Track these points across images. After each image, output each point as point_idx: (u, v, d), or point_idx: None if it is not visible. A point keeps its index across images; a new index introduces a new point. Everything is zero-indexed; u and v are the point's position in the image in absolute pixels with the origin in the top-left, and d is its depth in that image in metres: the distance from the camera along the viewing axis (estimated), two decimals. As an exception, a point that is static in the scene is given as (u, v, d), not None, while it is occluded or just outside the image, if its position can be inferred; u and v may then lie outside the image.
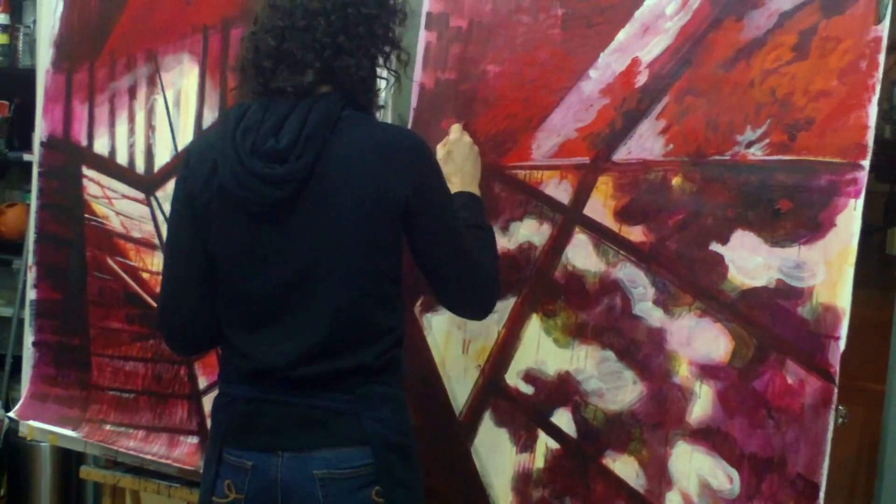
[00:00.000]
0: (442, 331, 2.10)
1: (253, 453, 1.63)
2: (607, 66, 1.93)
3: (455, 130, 1.98)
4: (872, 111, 1.68)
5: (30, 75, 2.90)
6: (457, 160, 1.91)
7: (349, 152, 1.57)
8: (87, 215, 2.62)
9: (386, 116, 2.17)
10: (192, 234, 1.67)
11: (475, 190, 1.91)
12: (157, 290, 2.48)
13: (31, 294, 2.74)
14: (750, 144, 1.79)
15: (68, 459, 3.24)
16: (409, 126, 2.15)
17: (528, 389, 2.01)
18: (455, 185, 1.85)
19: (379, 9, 1.63)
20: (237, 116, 1.61)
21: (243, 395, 1.66)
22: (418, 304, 2.13)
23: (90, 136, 2.63)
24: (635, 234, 1.89)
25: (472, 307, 1.78)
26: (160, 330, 1.83)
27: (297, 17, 1.58)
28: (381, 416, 1.62)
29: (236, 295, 1.66)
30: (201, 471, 2.39)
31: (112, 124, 2.59)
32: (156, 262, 2.51)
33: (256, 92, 1.63)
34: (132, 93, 2.56)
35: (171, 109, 2.50)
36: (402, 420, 1.68)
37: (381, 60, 1.67)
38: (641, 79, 1.89)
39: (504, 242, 2.01)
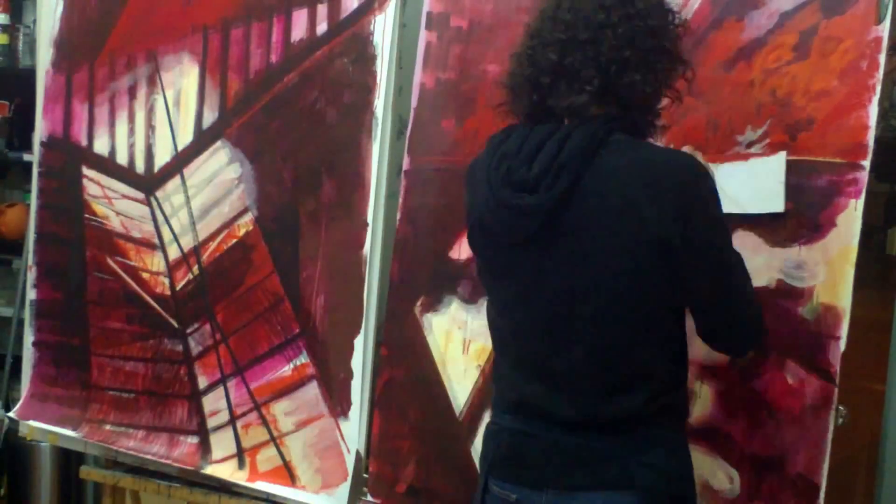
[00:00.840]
0: (442, 331, 2.10)
1: (517, 487, 1.55)
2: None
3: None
4: (873, 111, 1.68)
5: (30, 75, 2.90)
6: None
7: (607, 182, 1.42)
8: (87, 215, 2.62)
9: (386, 116, 2.18)
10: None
11: None
12: (157, 290, 2.50)
13: (31, 294, 2.74)
14: (750, 144, 1.79)
15: (68, 459, 3.23)
16: (409, 126, 2.15)
17: (528, 389, 2.00)
18: None
19: (665, 21, 1.48)
20: (499, 141, 1.51)
21: (510, 426, 1.58)
22: (418, 304, 2.13)
23: (90, 136, 2.63)
24: (636, 234, 1.88)
25: (735, 344, 1.60)
26: None
27: (580, 29, 1.44)
28: (651, 461, 1.48)
29: (502, 325, 1.59)
30: (201, 471, 2.41)
31: (112, 124, 2.59)
32: (156, 261, 2.51)
33: (527, 111, 1.52)
34: (132, 93, 2.56)
35: (170, 109, 2.50)
36: (677, 466, 1.54)
37: (666, 77, 1.51)
38: (642, 79, 1.89)
39: (504, 242, 2.01)
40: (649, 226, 1.41)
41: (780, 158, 1.73)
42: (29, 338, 2.74)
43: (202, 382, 2.45)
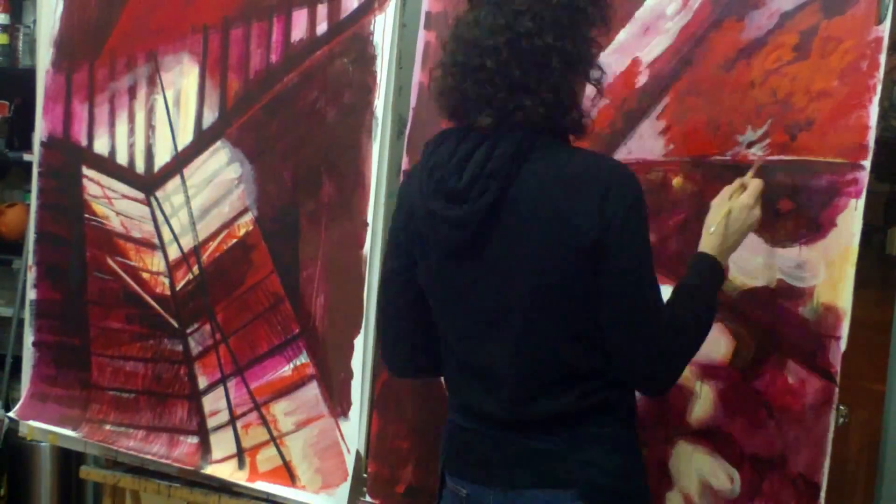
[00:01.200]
0: (442, 331, 2.10)
1: (467, 483, 1.60)
2: (607, 66, 1.92)
3: (750, 193, 1.65)
4: (873, 111, 1.68)
5: (30, 75, 2.89)
6: (731, 223, 1.62)
7: (535, 190, 1.45)
8: (87, 215, 2.62)
9: (386, 116, 2.18)
10: (404, 264, 1.63)
11: (723, 260, 1.63)
12: (157, 289, 2.50)
13: (31, 294, 2.73)
14: (751, 144, 1.79)
15: (68, 459, 3.23)
16: (409, 126, 2.15)
17: (528, 389, 2.00)
18: (707, 245, 1.62)
19: (555, 36, 1.45)
20: (431, 151, 1.53)
21: (460, 423, 1.63)
22: (418, 304, 2.13)
23: (90, 136, 2.63)
24: (636, 234, 1.88)
25: (641, 377, 1.53)
26: (383, 356, 1.81)
27: (471, 55, 1.46)
28: (590, 458, 1.51)
29: (443, 330, 1.62)
30: (201, 471, 2.41)
31: (112, 124, 2.59)
32: (156, 261, 2.51)
33: (453, 121, 1.54)
34: (132, 93, 2.55)
35: (170, 109, 2.49)
36: (619, 463, 1.54)
37: (567, 82, 1.48)
38: (642, 79, 1.89)
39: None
40: (577, 232, 1.43)
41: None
42: (29, 338, 2.73)
43: (202, 382, 2.45)
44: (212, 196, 2.42)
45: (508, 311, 1.50)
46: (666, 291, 1.54)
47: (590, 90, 1.55)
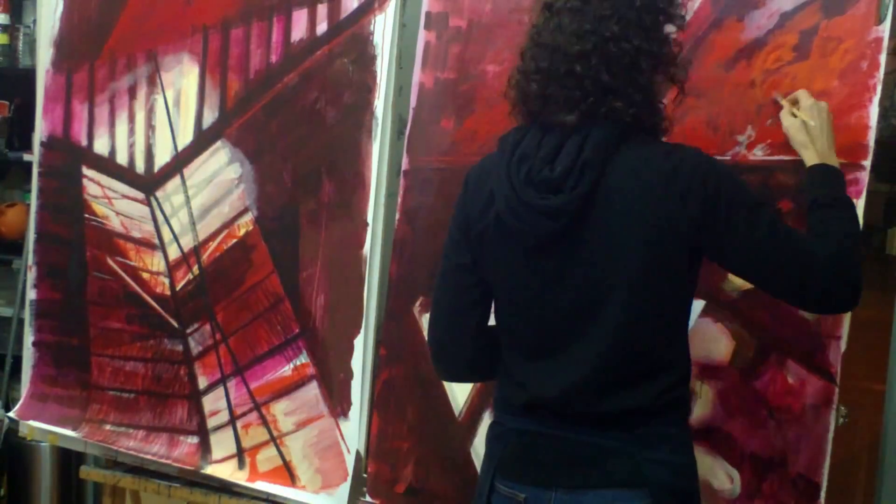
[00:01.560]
0: (442, 331, 2.10)
1: (526, 487, 1.56)
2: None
3: (805, 96, 1.70)
4: (873, 111, 1.68)
5: (30, 75, 2.90)
6: (813, 130, 1.66)
7: (629, 180, 1.46)
8: (87, 215, 2.62)
9: (386, 116, 2.18)
10: (468, 262, 1.61)
11: (832, 160, 1.64)
12: (157, 289, 2.50)
13: (31, 294, 2.74)
14: (751, 144, 1.79)
15: (68, 459, 3.23)
16: (409, 125, 2.15)
17: (528, 389, 2.00)
18: (808, 157, 1.65)
19: (641, 38, 1.47)
20: (514, 142, 1.53)
21: (517, 426, 1.59)
22: (417, 304, 2.13)
23: (90, 136, 2.63)
24: (636, 234, 1.88)
25: (821, 302, 1.50)
26: (431, 353, 1.74)
27: (559, 60, 1.48)
28: (660, 457, 1.50)
29: (514, 325, 1.59)
30: (201, 471, 2.41)
31: (112, 124, 2.59)
32: (156, 261, 2.51)
33: (532, 119, 1.55)
34: (132, 93, 2.55)
35: (170, 109, 2.50)
36: (684, 463, 1.55)
37: (652, 87, 1.51)
38: (642, 79, 1.89)
39: (504, 242, 2.01)
40: (673, 221, 1.44)
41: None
42: (29, 338, 2.74)
43: (202, 382, 2.45)
44: (212, 196, 2.42)
45: (603, 302, 1.48)
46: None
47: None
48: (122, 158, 2.58)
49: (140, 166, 2.54)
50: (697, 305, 1.82)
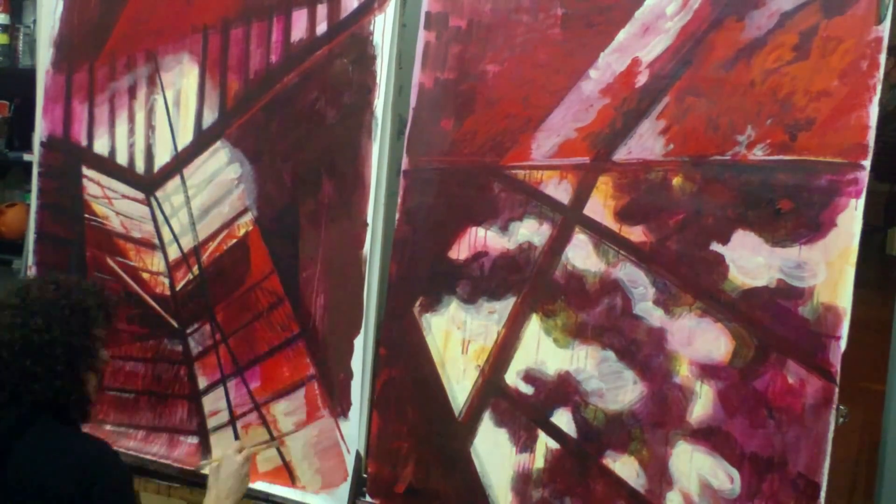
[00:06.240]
0: (441, 331, 2.10)
1: None
2: (607, 65, 1.93)
3: (233, 447, 2.08)
4: (873, 111, 1.68)
5: (30, 75, 2.89)
6: (221, 475, 2.01)
7: (25, 468, 1.69)
8: (87, 215, 2.62)
9: (386, 116, 2.18)
10: None
11: None
12: (157, 290, 2.50)
13: (31, 294, 2.73)
14: (751, 144, 1.79)
15: (68, 459, 3.23)
16: (409, 126, 2.15)
17: (527, 389, 2.00)
18: (209, 498, 1.99)
19: (66, 327, 1.78)
20: None
21: None
22: (417, 304, 2.13)
23: (90, 136, 2.63)
24: (635, 234, 1.89)
25: None
26: None
27: None
28: None
29: None
30: (201, 471, 2.40)
31: (112, 124, 2.59)
32: (156, 262, 2.51)
33: None
34: (132, 93, 2.55)
35: (170, 109, 2.49)
36: None
37: (72, 373, 1.79)
38: (642, 79, 1.89)
39: (504, 242, 2.01)
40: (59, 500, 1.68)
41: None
42: (29, 338, 2.73)
43: (202, 382, 2.45)
44: (212, 196, 2.42)
45: None
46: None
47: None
48: (121, 158, 2.58)
49: (140, 166, 2.54)
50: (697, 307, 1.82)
